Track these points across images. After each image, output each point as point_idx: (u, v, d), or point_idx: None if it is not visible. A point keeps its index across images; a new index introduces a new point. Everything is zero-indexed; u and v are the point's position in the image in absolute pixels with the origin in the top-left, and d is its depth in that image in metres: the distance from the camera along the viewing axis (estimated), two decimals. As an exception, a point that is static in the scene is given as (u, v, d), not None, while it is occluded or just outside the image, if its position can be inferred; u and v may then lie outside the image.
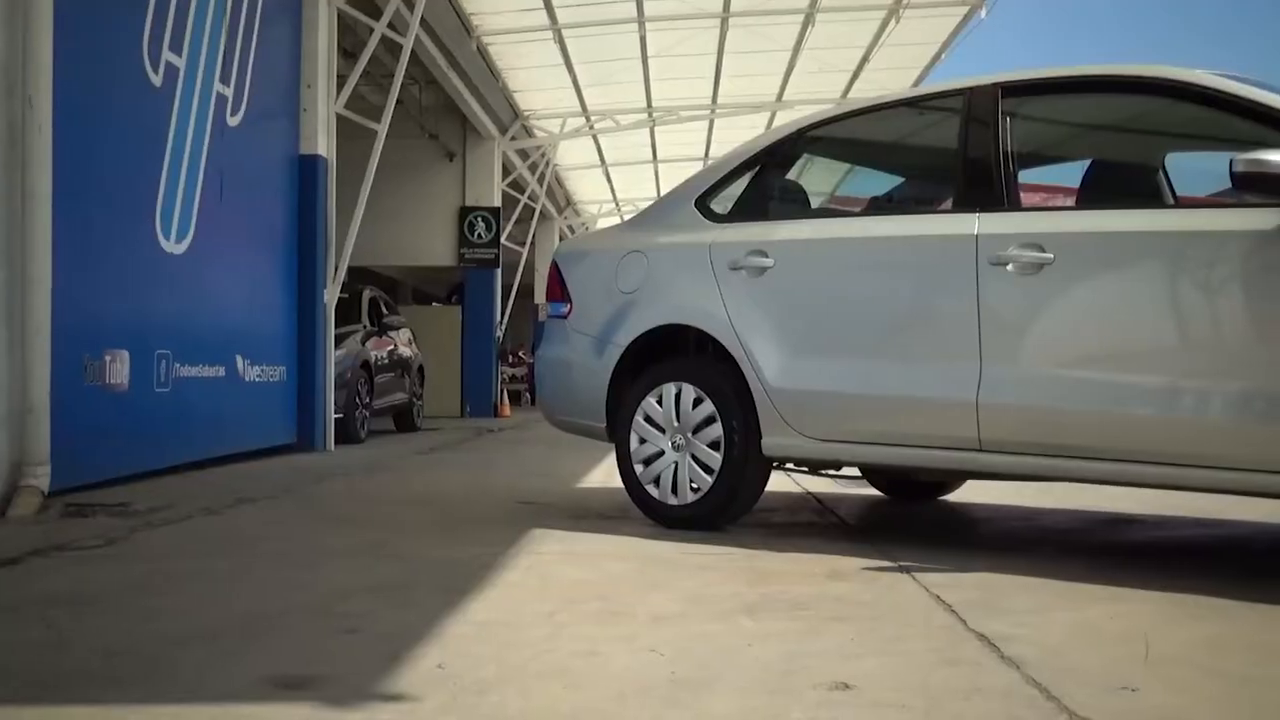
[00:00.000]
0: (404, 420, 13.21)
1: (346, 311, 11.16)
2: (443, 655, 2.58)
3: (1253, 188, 3.33)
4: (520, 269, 20.86)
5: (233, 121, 8.12)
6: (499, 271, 17.81)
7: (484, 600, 3.23)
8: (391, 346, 12.55)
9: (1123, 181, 4.39)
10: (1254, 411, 3.37)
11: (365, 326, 11.74)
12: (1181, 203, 4.20)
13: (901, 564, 3.78)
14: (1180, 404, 3.50)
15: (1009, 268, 3.83)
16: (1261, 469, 3.36)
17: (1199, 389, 3.48)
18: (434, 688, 2.31)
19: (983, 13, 13.17)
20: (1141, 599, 3.22)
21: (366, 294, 12.30)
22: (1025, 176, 4.28)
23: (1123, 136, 4.63)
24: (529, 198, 20.12)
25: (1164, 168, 4.37)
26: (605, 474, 6.99)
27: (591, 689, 2.32)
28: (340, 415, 10.22)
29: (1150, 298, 3.61)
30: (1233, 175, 3.33)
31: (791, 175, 5.02)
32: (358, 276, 14.23)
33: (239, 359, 8.28)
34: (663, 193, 5.89)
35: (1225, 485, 3.50)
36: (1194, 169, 4.63)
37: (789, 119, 6.13)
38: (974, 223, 3.97)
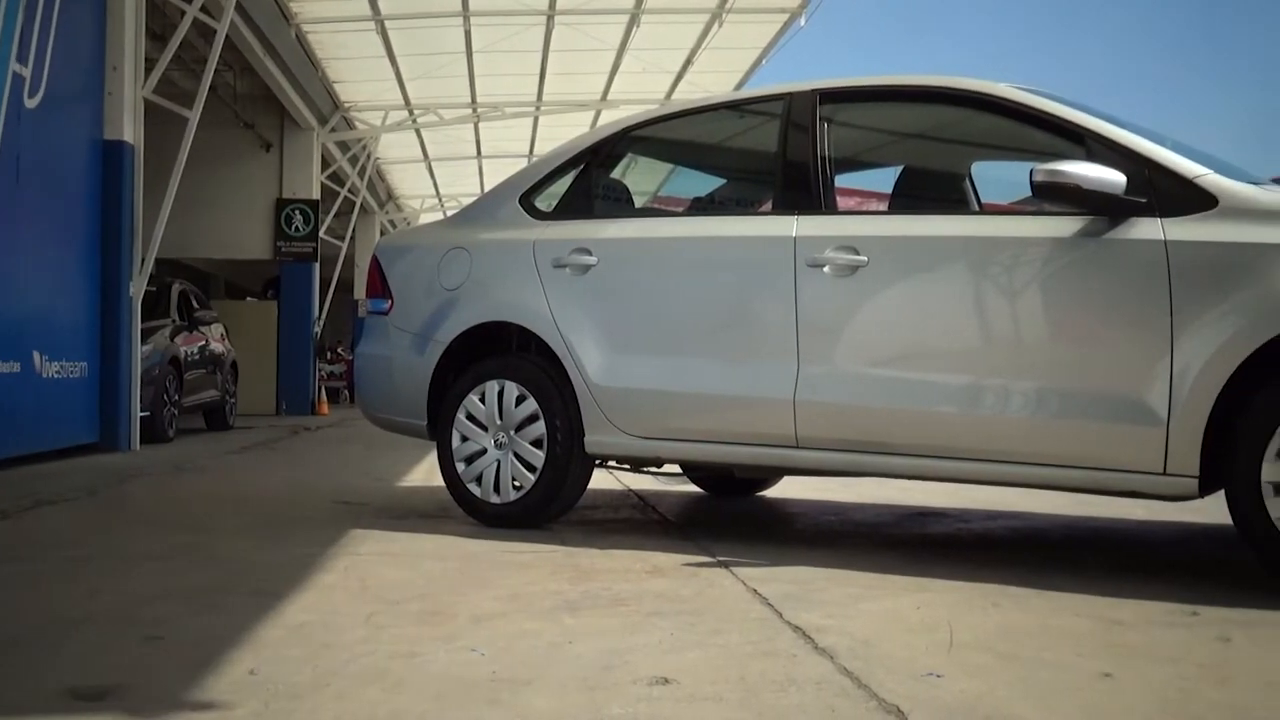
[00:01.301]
0: (216, 418, 12.77)
1: (154, 305, 10.75)
2: (255, 660, 2.50)
3: (1051, 197, 3.51)
4: (339, 263, 20.40)
5: (30, 104, 7.69)
6: (317, 266, 17.35)
7: (299, 603, 3.15)
8: (202, 342, 12.10)
9: (932, 188, 4.57)
10: (1049, 409, 3.56)
11: (174, 321, 11.29)
12: (986, 209, 4.39)
13: (720, 559, 3.84)
14: (982, 402, 3.66)
15: (825, 269, 3.94)
16: (1056, 464, 3.55)
17: (999, 387, 3.65)
18: (246, 694, 2.24)
19: (802, 20, 13.54)
20: (945, 589, 3.36)
21: (176, 287, 11.84)
22: (842, 180, 4.41)
23: (932, 144, 4.82)
24: (349, 191, 19.68)
25: (970, 175, 4.56)
26: (426, 473, 6.90)
27: (410, 691, 2.28)
28: (147, 413, 9.80)
29: (956, 300, 3.77)
30: (1032, 184, 3.50)
31: (616, 174, 5.04)
32: (167, 269, 13.68)
33: (36, 354, 7.84)
34: (487, 189, 5.84)
35: (1023, 479, 3.69)
36: (998, 178, 4.85)
37: (614, 118, 6.16)
38: (792, 225, 4.07)
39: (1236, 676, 2.43)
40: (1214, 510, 3.65)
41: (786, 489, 6.05)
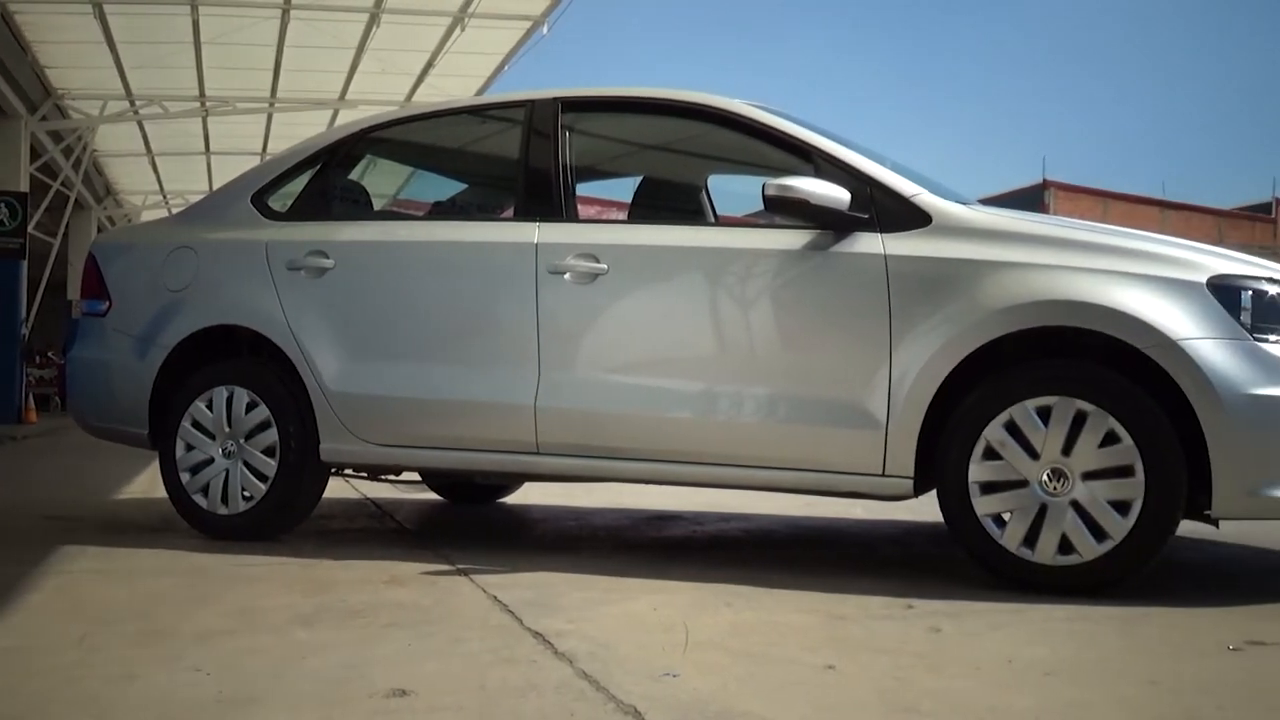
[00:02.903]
0: (-95, 428, 11.70)
1: None
2: (-51, 691, 2.30)
3: (781, 210, 3.67)
4: (51, 262, 19.01)
5: None
6: (25, 264, 16.12)
7: (1, 626, 2.91)
8: (-110, 344, 11.06)
9: (670, 198, 4.69)
10: (779, 414, 3.71)
11: None
12: (721, 221, 4.53)
13: (460, 567, 3.81)
14: (717, 407, 3.78)
15: (566, 277, 3.97)
16: (786, 467, 3.70)
17: (732, 393, 3.77)
18: (-63, 728, 2.06)
19: (545, 29, 13.65)
20: (681, 590, 3.44)
21: None
22: (583, 189, 4.46)
23: (671, 156, 4.94)
24: (63, 184, 18.39)
25: (706, 188, 4.70)
26: (148, 484, 6.53)
27: (126, 716, 2.15)
28: None
29: (692, 308, 3.88)
30: (764, 198, 3.64)
31: (354, 175, 4.93)
32: None
33: None
34: (216, 187, 5.60)
35: (755, 482, 3.83)
36: (733, 190, 5.02)
37: (352, 118, 6.03)
38: (534, 231, 4.09)
39: (947, 664, 2.60)
40: (927, 509, 3.89)
41: (527, 495, 6.06)
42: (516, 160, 4.33)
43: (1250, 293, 3.34)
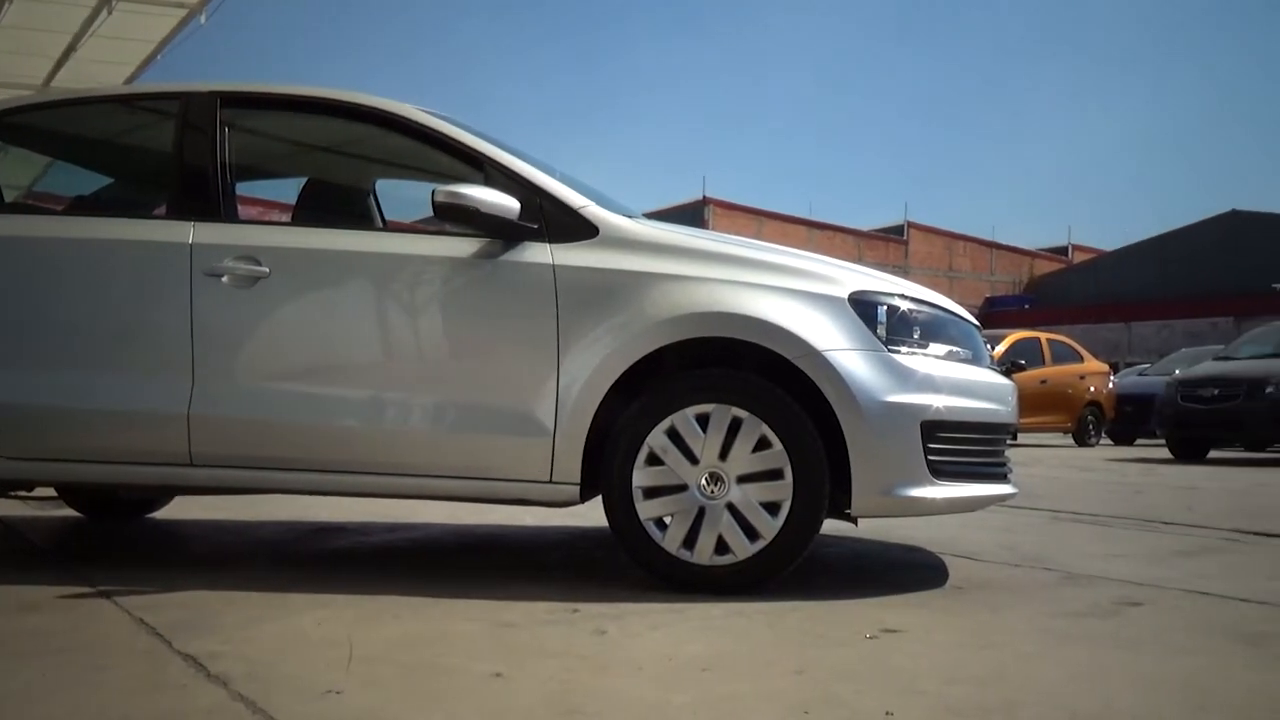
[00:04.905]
0: None
1: None
2: None
3: (451, 218, 3.65)
4: None
5: None
6: None
7: None
8: None
9: (336, 201, 4.57)
10: (447, 422, 3.68)
11: None
12: (390, 226, 4.46)
13: (102, 589, 3.54)
14: (383, 416, 3.71)
15: (224, 279, 3.79)
16: (454, 475, 3.68)
17: (400, 401, 3.72)
18: None
19: (202, 18, 13.00)
20: (346, 604, 3.36)
21: None
22: (243, 189, 4.26)
23: (338, 158, 4.82)
24: None
25: (374, 192, 4.62)
26: None
27: None
28: None
29: (358, 314, 3.80)
30: (434, 205, 3.62)
31: (-18, 164, 4.50)
32: None
33: None
34: None
35: (423, 491, 3.79)
36: (402, 196, 4.96)
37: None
38: (188, 231, 3.87)
39: (611, 665, 2.66)
40: (594, 514, 3.98)
41: (183, 509, 5.73)
42: (170, 155, 4.09)
43: (885, 308, 3.63)
